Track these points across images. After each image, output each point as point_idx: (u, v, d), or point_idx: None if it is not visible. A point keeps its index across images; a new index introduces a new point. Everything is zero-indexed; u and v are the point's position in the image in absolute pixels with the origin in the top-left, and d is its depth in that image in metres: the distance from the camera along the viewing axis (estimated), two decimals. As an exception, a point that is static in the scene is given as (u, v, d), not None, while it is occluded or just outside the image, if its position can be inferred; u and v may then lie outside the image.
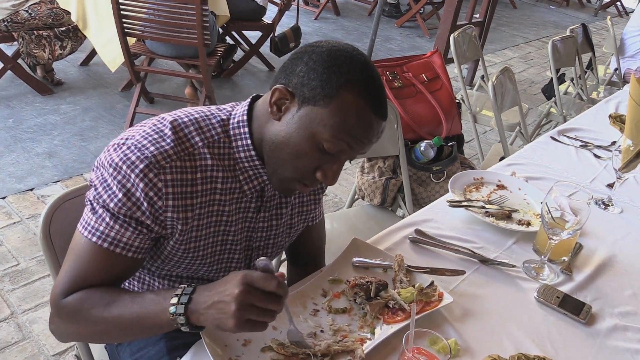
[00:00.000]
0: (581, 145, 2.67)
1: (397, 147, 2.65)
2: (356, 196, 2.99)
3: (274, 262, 2.39)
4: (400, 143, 2.65)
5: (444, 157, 2.89)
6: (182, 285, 1.06)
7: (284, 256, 2.25)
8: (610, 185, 2.32)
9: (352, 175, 4.17)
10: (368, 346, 1.27)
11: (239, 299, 0.97)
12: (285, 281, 1.05)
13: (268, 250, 1.44)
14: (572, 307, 1.54)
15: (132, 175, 1.07)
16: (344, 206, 3.20)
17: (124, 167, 1.07)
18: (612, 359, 1.39)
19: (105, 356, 1.55)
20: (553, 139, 2.71)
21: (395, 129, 2.62)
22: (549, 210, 1.62)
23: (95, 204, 1.11)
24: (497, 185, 2.18)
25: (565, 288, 1.66)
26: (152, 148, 1.09)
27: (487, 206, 1.96)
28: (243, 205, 1.27)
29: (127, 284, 1.40)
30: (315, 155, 1.12)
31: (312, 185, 1.20)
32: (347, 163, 4.61)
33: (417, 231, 1.84)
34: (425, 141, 2.82)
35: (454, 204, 1.96)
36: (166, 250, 1.21)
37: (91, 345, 1.53)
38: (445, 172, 2.84)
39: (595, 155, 2.59)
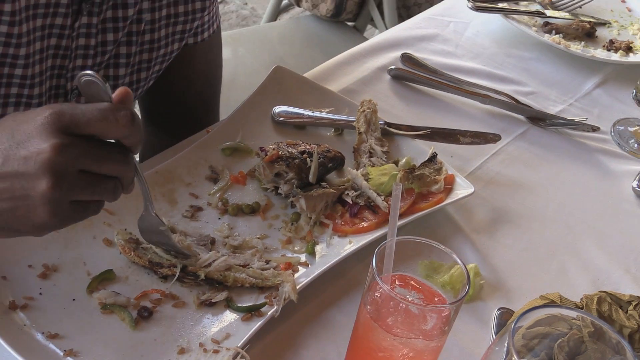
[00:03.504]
0: None
1: None
2: (285, 0, 2.94)
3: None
4: None
5: None
6: None
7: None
8: None
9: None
10: (303, 279, 1.26)
11: (50, 200, 0.98)
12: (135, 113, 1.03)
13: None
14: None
15: None
16: (261, 22, 3.15)
17: None
18: None
19: None
20: None
21: None
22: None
23: None
24: (569, -26, 2.12)
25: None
26: None
27: (548, 12, 1.93)
28: (41, 11, 1.26)
29: None
30: None
31: None
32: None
33: (406, 57, 1.78)
34: None
35: (481, 5, 1.89)
36: None
37: None
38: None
39: None
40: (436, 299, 1.05)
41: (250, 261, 1.27)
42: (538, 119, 1.69)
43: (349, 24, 2.78)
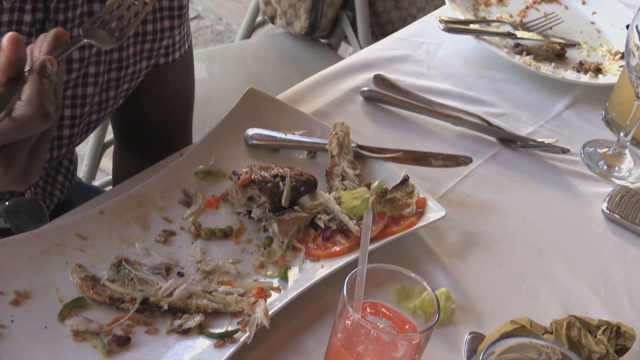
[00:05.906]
0: None
1: None
2: (259, 17, 2.92)
3: (89, 142, 2.29)
4: None
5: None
6: None
7: (109, 135, 2.15)
8: None
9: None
10: (276, 304, 1.26)
11: None
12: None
13: (67, 113, 1.45)
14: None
15: None
16: (236, 38, 3.13)
17: None
18: None
19: None
20: None
21: None
22: (640, 41, 1.57)
23: None
24: (541, -5, 2.15)
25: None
26: None
27: (519, 33, 1.94)
28: (4, 29, 1.27)
29: None
30: None
31: None
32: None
33: (379, 78, 1.78)
34: None
35: (453, 26, 1.90)
36: None
37: None
38: (436, -29, 2.74)
39: None
40: (407, 327, 1.06)
41: (209, 288, 1.26)
42: (509, 140, 1.70)
43: (323, 41, 2.78)
